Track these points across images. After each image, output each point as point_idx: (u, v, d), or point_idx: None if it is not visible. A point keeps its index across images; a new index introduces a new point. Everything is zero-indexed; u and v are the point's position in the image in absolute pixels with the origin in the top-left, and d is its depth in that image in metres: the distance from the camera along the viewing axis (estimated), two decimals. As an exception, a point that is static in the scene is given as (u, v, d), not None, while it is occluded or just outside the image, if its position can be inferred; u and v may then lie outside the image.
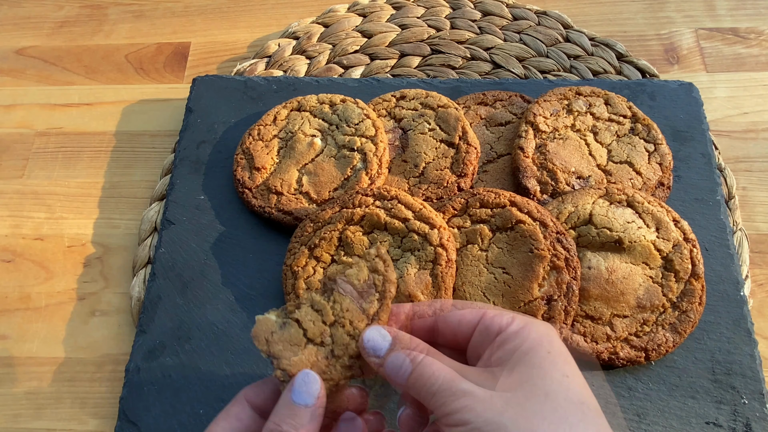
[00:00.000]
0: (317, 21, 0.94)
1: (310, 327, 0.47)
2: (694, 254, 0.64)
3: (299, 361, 0.46)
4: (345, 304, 0.48)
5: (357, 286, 0.48)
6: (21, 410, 0.68)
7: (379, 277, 0.48)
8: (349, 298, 0.48)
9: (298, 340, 0.47)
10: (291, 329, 0.47)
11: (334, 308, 0.48)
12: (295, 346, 0.47)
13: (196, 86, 0.84)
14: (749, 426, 0.59)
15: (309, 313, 0.48)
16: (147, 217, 0.77)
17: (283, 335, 0.47)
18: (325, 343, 0.47)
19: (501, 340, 0.43)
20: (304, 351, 0.47)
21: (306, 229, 0.68)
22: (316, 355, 0.47)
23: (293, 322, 0.48)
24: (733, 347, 0.63)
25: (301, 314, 0.48)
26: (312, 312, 0.48)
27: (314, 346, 0.47)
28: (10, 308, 0.74)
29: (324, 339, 0.47)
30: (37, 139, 0.87)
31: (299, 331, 0.47)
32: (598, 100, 0.76)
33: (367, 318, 0.47)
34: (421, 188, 0.71)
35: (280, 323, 0.48)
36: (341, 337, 0.47)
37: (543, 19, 0.92)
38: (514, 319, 0.44)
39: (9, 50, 0.96)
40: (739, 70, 0.88)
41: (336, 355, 0.46)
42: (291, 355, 0.46)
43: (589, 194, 0.68)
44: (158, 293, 0.69)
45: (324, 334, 0.47)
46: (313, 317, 0.48)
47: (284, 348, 0.47)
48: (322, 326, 0.47)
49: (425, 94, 0.78)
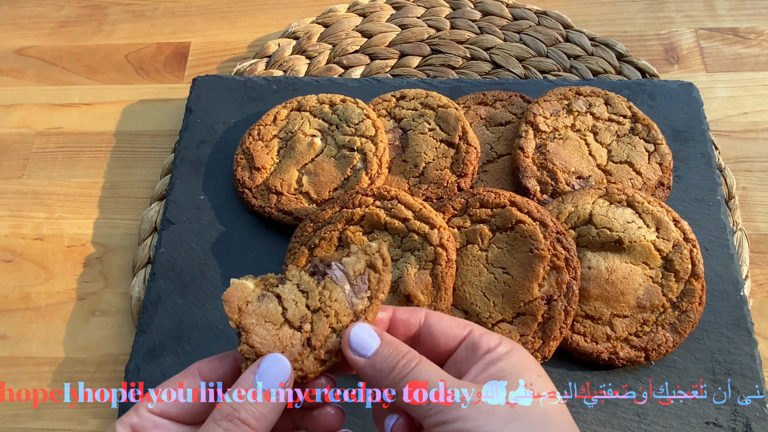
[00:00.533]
0: (317, 21, 0.94)
1: (291, 307, 0.43)
2: (694, 254, 0.64)
3: (272, 341, 0.42)
4: (335, 293, 0.44)
5: (351, 277, 0.45)
6: (21, 410, 0.68)
7: (375, 275, 0.45)
8: (340, 288, 0.44)
9: (275, 319, 0.43)
10: (270, 304, 0.43)
11: (322, 294, 0.44)
12: (269, 324, 0.43)
13: (196, 86, 0.84)
14: (749, 426, 0.59)
15: (293, 291, 0.44)
16: (147, 217, 0.77)
17: (259, 308, 0.43)
18: (303, 330, 0.43)
19: (491, 359, 0.42)
20: (279, 331, 0.43)
21: (306, 229, 0.68)
22: (290, 339, 0.42)
23: (273, 297, 0.43)
24: (733, 347, 0.63)
25: (284, 291, 0.44)
26: (297, 292, 0.44)
27: (291, 330, 0.43)
28: (10, 308, 0.74)
29: (303, 324, 0.43)
30: (37, 139, 0.87)
31: (278, 308, 0.43)
32: (598, 100, 0.76)
33: (354, 314, 0.44)
34: (421, 188, 0.71)
35: (259, 294, 0.44)
36: (323, 327, 0.43)
37: (543, 19, 0.92)
38: (502, 341, 0.44)
39: (9, 50, 0.96)
40: (739, 70, 0.88)
41: (312, 345, 0.42)
42: (264, 332, 0.42)
43: (589, 194, 0.68)
44: (158, 293, 0.69)
45: (304, 320, 0.43)
46: (297, 297, 0.44)
47: (257, 322, 0.43)
48: (305, 310, 0.43)
49: (425, 94, 0.78)
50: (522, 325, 0.61)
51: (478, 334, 0.44)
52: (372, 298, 0.45)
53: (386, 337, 0.43)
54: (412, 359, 0.42)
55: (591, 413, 0.61)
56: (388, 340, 0.43)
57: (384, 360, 0.42)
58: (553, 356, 0.61)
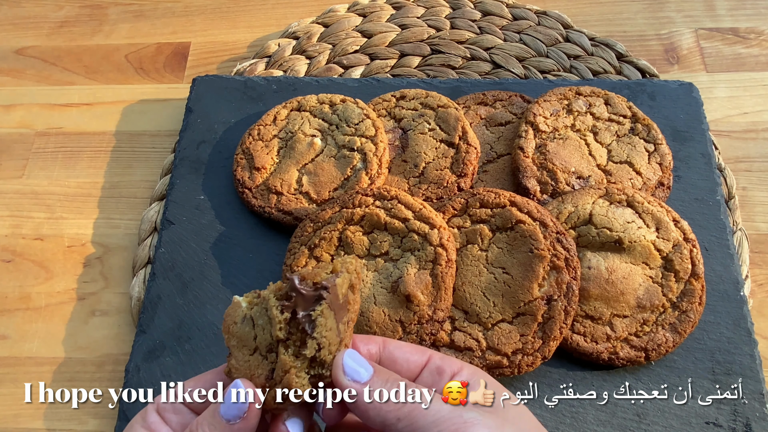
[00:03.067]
0: (317, 21, 0.94)
1: (259, 333, 0.40)
2: (694, 254, 0.64)
3: (243, 367, 0.40)
4: (330, 321, 0.39)
5: (340, 300, 0.40)
6: (21, 410, 0.68)
7: (353, 296, 0.41)
8: (333, 315, 0.40)
9: (249, 344, 0.40)
10: (246, 327, 0.40)
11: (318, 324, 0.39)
12: (245, 348, 0.40)
13: (196, 86, 0.84)
14: (749, 426, 0.59)
15: (262, 316, 0.40)
16: (147, 217, 0.77)
17: (239, 331, 0.41)
18: (269, 360, 0.40)
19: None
20: (251, 357, 0.40)
21: (306, 229, 0.68)
22: (257, 368, 0.40)
23: (250, 320, 0.41)
24: (733, 347, 0.63)
25: (255, 314, 0.40)
26: (264, 316, 0.40)
27: (260, 357, 0.40)
28: (10, 308, 0.74)
29: (268, 354, 0.40)
30: (37, 139, 0.87)
31: (252, 332, 0.40)
32: (598, 100, 0.76)
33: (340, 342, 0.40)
34: (421, 188, 0.71)
35: (242, 315, 0.41)
36: (283, 358, 0.39)
37: (543, 19, 0.92)
38: (463, 366, 0.44)
39: (9, 50, 0.96)
40: (739, 70, 0.88)
41: (275, 378, 0.39)
42: (240, 356, 0.40)
43: (589, 194, 0.68)
44: (158, 293, 0.69)
45: (270, 348, 0.40)
46: (264, 323, 0.40)
47: (237, 346, 0.40)
48: (269, 338, 0.40)
49: (425, 94, 0.78)
50: (522, 325, 0.61)
51: (439, 358, 0.44)
52: (349, 321, 0.42)
53: (376, 366, 0.41)
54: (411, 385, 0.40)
55: (591, 413, 0.61)
56: (377, 365, 0.42)
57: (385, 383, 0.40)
58: (553, 356, 0.61)
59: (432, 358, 0.44)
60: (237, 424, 0.39)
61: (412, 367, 0.44)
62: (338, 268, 0.41)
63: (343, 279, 0.40)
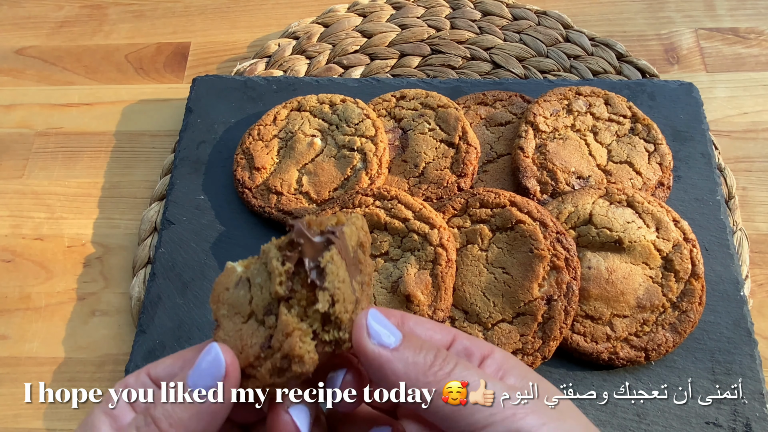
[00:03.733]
0: (317, 21, 0.94)
1: (256, 294, 0.33)
2: (694, 254, 0.64)
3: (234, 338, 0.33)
4: (341, 272, 0.32)
5: (350, 251, 0.34)
6: (21, 410, 0.68)
7: (363, 256, 0.35)
8: (344, 267, 0.33)
9: (243, 309, 0.33)
10: (240, 291, 0.34)
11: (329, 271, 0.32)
12: (237, 316, 0.33)
13: (196, 86, 0.84)
14: (749, 426, 0.59)
15: (261, 273, 0.33)
16: (147, 217, 0.77)
17: (231, 296, 0.34)
18: (267, 324, 0.32)
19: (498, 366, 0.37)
20: (244, 325, 0.33)
21: (306, 229, 0.68)
22: (252, 336, 0.32)
23: (246, 282, 0.34)
24: (733, 347, 0.63)
25: (253, 272, 0.34)
26: (264, 272, 0.33)
27: (255, 323, 0.33)
28: (10, 308, 0.74)
29: (266, 318, 0.32)
30: (37, 139, 0.87)
31: (247, 295, 0.33)
32: (598, 100, 0.76)
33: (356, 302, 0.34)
34: (421, 188, 0.71)
35: (236, 280, 0.34)
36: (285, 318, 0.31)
37: (543, 19, 0.92)
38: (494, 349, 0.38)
39: (9, 50, 0.96)
40: (739, 70, 0.88)
41: (272, 346, 0.32)
42: (231, 326, 0.33)
43: (589, 194, 0.68)
44: (158, 293, 0.69)
45: (268, 310, 0.32)
46: (263, 281, 0.33)
47: (228, 314, 0.34)
48: (268, 297, 0.32)
49: (425, 94, 0.78)
50: (522, 325, 0.61)
51: (467, 339, 0.38)
52: (363, 283, 0.35)
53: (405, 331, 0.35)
54: (450, 355, 0.34)
55: (591, 413, 0.60)
56: (409, 333, 0.35)
57: (419, 350, 0.33)
58: (553, 356, 0.61)
59: (458, 338, 0.38)
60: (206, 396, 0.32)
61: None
62: (343, 220, 0.35)
63: (351, 230, 0.34)
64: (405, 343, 0.34)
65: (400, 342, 0.33)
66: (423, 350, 0.34)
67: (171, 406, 0.31)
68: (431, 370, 0.33)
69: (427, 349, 0.34)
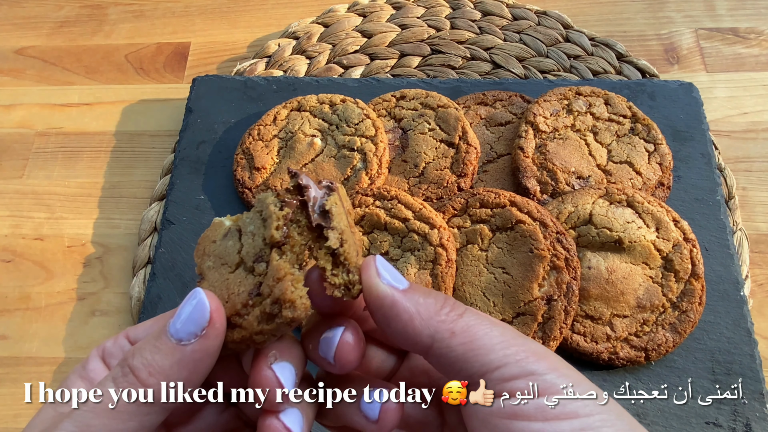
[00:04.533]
0: (317, 21, 0.94)
1: (246, 242, 0.32)
2: (694, 254, 0.64)
3: (219, 288, 0.32)
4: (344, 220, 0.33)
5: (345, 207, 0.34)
6: (21, 410, 0.68)
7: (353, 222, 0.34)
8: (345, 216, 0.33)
9: (230, 259, 0.33)
10: (229, 241, 0.33)
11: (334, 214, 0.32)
12: (224, 267, 0.33)
13: (196, 86, 0.84)
14: (749, 426, 0.59)
15: (255, 220, 0.33)
16: (147, 217, 0.77)
17: (218, 248, 0.33)
18: (256, 272, 0.31)
19: None
20: (231, 275, 0.32)
21: (306, 229, 0.68)
22: (238, 287, 0.31)
23: (235, 232, 0.33)
24: (733, 347, 0.63)
25: (245, 221, 0.33)
26: (258, 220, 0.33)
27: (244, 272, 0.32)
28: (10, 308, 0.74)
29: (256, 265, 0.32)
30: (37, 139, 0.87)
31: (236, 245, 0.33)
32: (598, 100, 0.76)
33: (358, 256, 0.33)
34: (421, 188, 0.71)
35: (225, 231, 0.34)
36: (276, 264, 0.31)
37: (543, 19, 0.92)
38: None
39: (9, 50, 0.96)
40: (739, 70, 0.88)
41: (261, 293, 0.31)
42: (216, 277, 0.32)
43: (589, 194, 0.68)
44: (158, 293, 0.69)
45: (259, 258, 0.31)
46: (256, 228, 0.32)
47: (214, 265, 0.33)
48: (260, 244, 0.32)
49: (425, 94, 0.78)
50: (522, 325, 0.61)
51: None
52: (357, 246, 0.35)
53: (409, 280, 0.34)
54: (458, 302, 0.33)
55: (591, 413, 0.60)
56: (414, 282, 0.35)
57: (427, 292, 0.33)
58: (553, 356, 0.61)
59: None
60: (191, 343, 0.30)
61: None
62: None
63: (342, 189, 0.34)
64: (414, 286, 0.33)
65: (409, 286, 0.33)
66: (432, 295, 0.33)
67: (150, 355, 0.30)
68: (443, 310, 0.32)
69: (435, 295, 0.33)
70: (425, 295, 0.33)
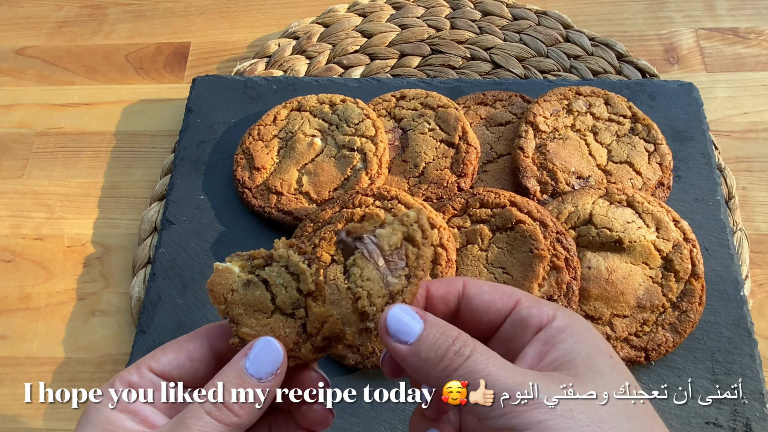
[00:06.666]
0: (317, 21, 0.94)
1: (280, 293, 0.39)
2: (694, 254, 0.64)
3: (263, 330, 0.39)
4: (366, 271, 0.39)
5: (386, 252, 0.39)
6: (21, 410, 0.68)
7: (413, 249, 0.39)
8: (372, 265, 0.39)
9: (264, 306, 0.39)
10: (256, 291, 0.39)
11: (352, 273, 0.39)
12: (259, 313, 0.39)
13: (196, 86, 0.84)
14: (749, 426, 0.59)
15: (282, 275, 0.39)
16: (147, 217, 0.77)
17: (245, 296, 0.39)
18: (297, 316, 0.39)
19: (548, 338, 0.37)
20: (269, 320, 0.39)
21: (306, 229, 0.68)
22: (284, 327, 0.39)
23: (260, 283, 0.39)
24: (733, 347, 0.63)
25: (271, 275, 0.39)
26: (285, 275, 0.39)
27: (283, 316, 0.39)
28: (10, 308, 0.74)
29: (295, 311, 0.39)
30: (37, 139, 0.87)
31: (266, 294, 0.39)
32: (598, 100, 0.76)
33: (390, 295, 0.39)
34: (421, 188, 0.71)
35: (244, 281, 0.39)
36: (318, 312, 0.38)
37: (543, 19, 0.92)
38: (557, 313, 0.38)
39: (9, 50, 0.96)
40: (739, 70, 0.88)
41: (308, 332, 0.39)
42: (254, 322, 0.39)
43: (589, 194, 0.68)
44: (158, 293, 0.69)
45: (297, 305, 0.39)
46: (286, 281, 0.39)
47: (246, 312, 0.39)
48: (296, 295, 0.39)
49: (425, 94, 0.78)
50: (522, 325, 0.61)
51: (527, 307, 0.39)
52: (410, 276, 0.39)
53: (430, 319, 0.37)
54: (465, 345, 0.35)
55: (591, 413, 0.60)
56: (433, 321, 0.37)
57: (430, 347, 0.36)
58: (553, 356, 0.61)
59: (518, 305, 0.39)
60: (270, 380, 0.37)
61: (492, 316, 0.40)
62: (388, 220, 0.40)
63: (388, 231, 0.39)
64: (423, 334, 0.36)
65: (419, 334, 0.36)
66: (437, 343, 0.36)
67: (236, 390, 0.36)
68: (443, 361, 0.35)
69: (441, 342, 0.36)
70: (430, 346, 0.36)
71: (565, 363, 0.36)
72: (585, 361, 0.36)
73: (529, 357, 0.37)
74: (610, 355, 0.37)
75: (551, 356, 0.37)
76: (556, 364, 0.36)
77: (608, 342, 0.61)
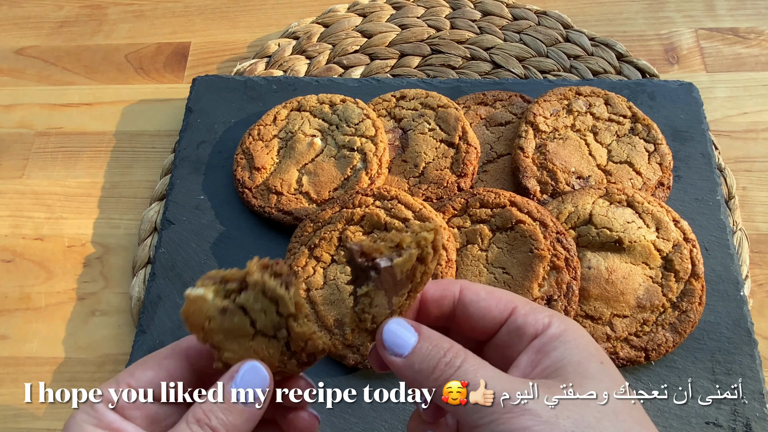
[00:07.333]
0: (317, 21, 0.94)
1: (260, 318, 0.38)
2: (694, 254, 0.64)
3: (246, 353, 0.38)
4: (377, 299, 0.38)
5: (398, 278, 0.38)
6: (21, 410, 0.68)
7: (421, 267, 0.39)
8: (383, 293, 0.38)
9: (245, 332, 0.38)
10: (234, 318, 0.38)
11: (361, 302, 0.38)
12: (240, 338, 0.38)
13: (196, 86, 0.84)
14: (749, 426, 0.59)
15: (259, 300, 0.38)
16: (147, 217, 0.77)
17: (223, 324, 0.38)
18: (279, 336, 0.39)
19: (541, 346, 0.38)
20: (252, 343, 0.38)
21: (306, 229, 0.68)
22: (267, 349, 0.39)
23: (237, 309, 0.38)
24: (733, 347, 0.63)
25: (249, 301, 0.38)
26: (263, 300, 0.38)
27: (265, 338, 0.39)
28: (10, 308, 0.74)
29: (278, 332, 0.39)
30: (37, 139, 0.87)
31: (244, 320, 0.38)
32: (598, 100, 0.76)
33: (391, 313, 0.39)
34: (421, 188, 0.71)
35: (220, 308, 0.38)
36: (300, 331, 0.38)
37: (543, 19, 0.92)
38: (552, 321, 0.39)
39: (9, 50, 0.96)
40: (739, 70, 0.88)
41: (292, 350, 0.39)
42: (236, 346, 0.38)
43: (589, 194, 0.68)
44: (158, 293, 0.69)
45: (278, 327, 0.38)
46: (265, 306, 0.38)
47: (226, 338, 0.38)
48: (276, 318, 0.38)
49: (425, 94, 0.78)
50: (522, 325, 0.61)
51: (523, 315, 0.39)
52: (412, 291, 0.39)
53: (424, 332, 0.38)
54: (456, 356, 0.37)
55: (591, 413, 0.60)
56: (427, 334, 0.38)
57: (423, 359, 0.37)
58: (553, 356, 0.61)
59: (514, 313, 0.40)
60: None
61: (488, 324, 0.40)
62: (405, 243, 0.38)
63: (404, 258, 0.38)
64: (417, 347, 0.38)
65: (413, 347, 0.38)
66: (429, 355, 0.37)
67: (224, 415, 0.37)
68: (433, 374, 0.37)
69: (433, 354, 0.37)
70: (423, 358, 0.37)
71: (557, 370, 0.37)
72: (576, 367, 0.36)
73: (523, 365, 0.38)
74: (602, 361, 0.37)
75: (543, 364, 0.37)
76: (548, 372, 0.37)
77: (605, 345, 0.62)
